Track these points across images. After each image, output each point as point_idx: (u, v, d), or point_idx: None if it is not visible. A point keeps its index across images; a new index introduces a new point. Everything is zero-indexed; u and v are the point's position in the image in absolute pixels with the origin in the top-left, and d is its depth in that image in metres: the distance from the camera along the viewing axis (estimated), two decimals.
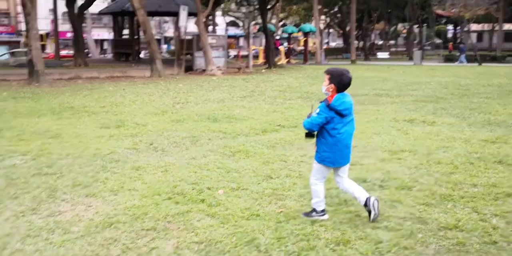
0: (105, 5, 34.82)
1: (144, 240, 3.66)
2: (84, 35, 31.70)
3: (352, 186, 4.01)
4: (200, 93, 13.50)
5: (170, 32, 58.49)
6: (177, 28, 25.52)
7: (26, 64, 15.58)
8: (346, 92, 3.86)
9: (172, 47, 51.40)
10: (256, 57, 34.79)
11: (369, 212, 3.93)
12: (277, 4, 39.43)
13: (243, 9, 45.70)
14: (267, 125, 8.41)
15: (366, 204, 3.91)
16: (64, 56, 36.46)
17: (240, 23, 53.07)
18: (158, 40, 57.16)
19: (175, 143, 7.02)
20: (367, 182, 5.04)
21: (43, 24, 50.81)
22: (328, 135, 3.85)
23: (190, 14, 23.59)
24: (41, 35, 45.92)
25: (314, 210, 4.04)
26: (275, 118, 9.21)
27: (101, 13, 31.33)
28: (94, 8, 35.19)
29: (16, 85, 14.93)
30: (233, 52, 47.83)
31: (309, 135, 4.02)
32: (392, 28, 58.67)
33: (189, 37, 24.04)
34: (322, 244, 3.57)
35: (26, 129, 7.99)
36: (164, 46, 59.49)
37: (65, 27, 47.70)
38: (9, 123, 8.52)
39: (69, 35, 55.78)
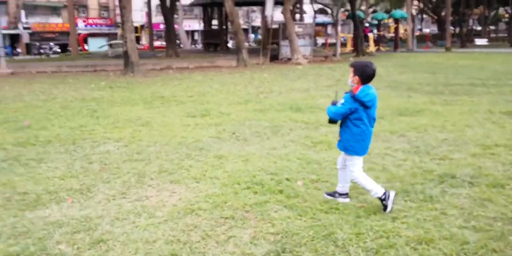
0: None
1: (222, 228, 3.74)
2: (176, 26, 32.95)
3: (347, 175, 4.16)
4: (284, 83, 13.50)
5: (257, 21, 58.94)
6: (263, 17, 25.65)
7: (122, 55, 16.52)
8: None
9: (259, 37, 51.80)
10: (344, 45, 34.08)
11: (332, 195, 4.25)
12: None
13: None
14: None
15: (342, 194, 4.21)
16: (157, 47, 38.21)
17: (329, 11, 52.13)
18: (246, 30, 57.99)
19: (256, 132, 7.10)
20: (456, 178, 4.76)
21: (139, 16, 53.51)
22: (352, 125, 3.96)
23: (277, 3, 23.58)
24: (136, 27, 48.38)
25: (379, 198, 4.01)
26: None
27: (192, 4, 32.31)
28: (186, 0, 36.43)
29: (113, 76, 15.91)
30: (320, 40, 47.23)
31: (332, 121, 4.11)
32: (493, 13, 54.48)
33: (275, 26, 24.09)
34: (402, 242, 3.42)
35: (120, 117, 8.49)
36: (252, 36, 60.20)
37: (159, 19, 49.84)
38: (106, 111, 9.09)
39: (162, 26, 58.36)
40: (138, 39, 49.02)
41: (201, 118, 8.29)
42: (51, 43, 52.51)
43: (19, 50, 50.24)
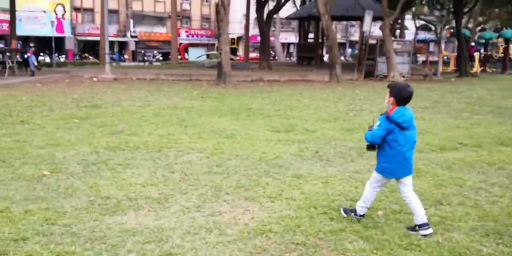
0: (294, 10, 36.17)
1: (292, 254, 3.58)
2: (272, 39, 33.42)
3: (416, 202, 4.06)
4: (376, 101, 13.03)
5: (356, 36, 58.11)
6: (361, 32, 25.18)
7: (217, 66, 17.00)
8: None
9: (357, 51, 50.97)
10: (446, 63, 32.41)
11: (413, 230, 4.00)
12: (475, 8, 36.08)
13: (436, 13, 42.97)
14: (446, 142, 7.67)
15: (419, 226, 3.96)
16: (252, 58, 39.02)
17: (432, 27, 50.04)
18: (343, 44, 57.38)
19: (341, 153, 6.84)
20: None
21: (237, 28, 55.05)
22: (387, 147, 3.98)
23: (377, 18, 23.00)
24: (234, 39, 49.68)
25: (354, 210, 4.25)
26: (457, 134, 8.35)
27: (289, 18, 32.61)
28: (284, 13, 36.87)
29: (206, 85, 16.41)
30: (421, 58, 45.36)
31: (370, 147, 4.12)
32: None
33: (373, 42, 23.48)
34: None
35: (207, 127, 8.65)
36: (349, 50, 59.41)
37: (256, 31, 50.87)
38: (194, 120, 9.32)
39: (259, 38, 59.51)
40: (235, 51, 50.45)
41: (285, 134, 8.19)
42: (155, 51, 55.72)
43: (125, 56, 53.89)
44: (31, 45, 17.78)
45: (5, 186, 5.09)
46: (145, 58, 50.23)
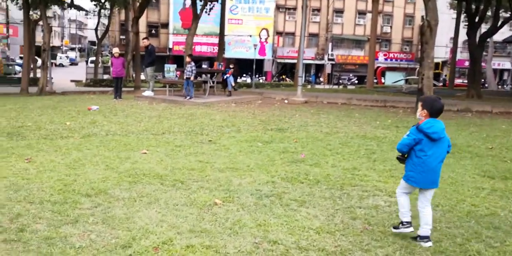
0: (510, 33, 31.95)
1: None
2: (483, 65, 29.91)
3: (429, 215, 4.19)
4: None
5: None
6: None
7: (417, 92, 15.43)
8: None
9: None
10: None
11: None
12: None
13: None
14: None
15: (420, 238, 4.14)
16: (457, 85, 35.63)
17: None
18: None
19: None
20: None
21: (442, 52, 51.45)
22: (414, 156, 4.15)
23: None
24: (437, 63, 46.46)
25: (401, 222, 4.32)
26: None
27: (506, 41, 28.80)
28: (498, 36, 32.84)
29: (402, 113, 14.97)
30: None
31: (400, 159, 4.33)
32: None
33: None
34: None
35: (400, 164, 7.44)
36: None
37: (463, 55, 46.81)
38: (385, 154, 8.19)
39: (466, 63, 54.69)
40: (437, 76, 47.05)
41: (502, 182, 6.52)
42: (351, 74, 55.43)
43: (321, 79, 54.77)
44: (231, 66, 18.76)
45: (177, 211, 4.81)
46: (340, 81, 50.25)
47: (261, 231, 4.35)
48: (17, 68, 40.83)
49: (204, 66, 39.65)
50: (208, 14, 23.17)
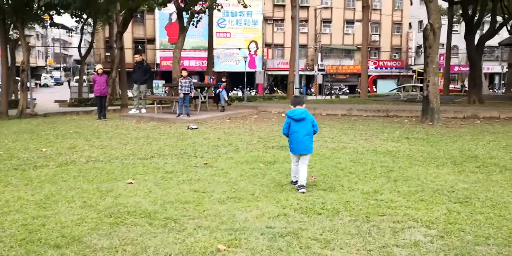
0: (504, 36, 31.47)
1: None
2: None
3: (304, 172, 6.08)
4: None
5: None
6: None
7: (422, 100, 14.53)
8: None
9: None
10: None
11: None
12: None
13: None
14: None
15: (300, 187, 5.98)
16: (452, 90, 35.03)
17: None
18: None
19: None
20: None
21: None
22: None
23: None
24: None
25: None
26: None
27: (502, 44, 28.23)
28: (490, 40, 32.27)
29: (408, 123, 14.01)
30: None
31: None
32: None
33: None
34: None
35: (425, 183, 6.49)
36: None
37: (453, 61, 46.48)
38: (404, 171, 7.24)
39: (456, 69, 54.36)
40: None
41: None
42: (342, 84, 54.83)
43: (312, 90, 54.06)
44: (223, 80, 17.78)
45: None
46: (332, 91, 49.57)
47: None
48: None
49: (194, 80, 38.71)
50: (196, 27, 22.26)
